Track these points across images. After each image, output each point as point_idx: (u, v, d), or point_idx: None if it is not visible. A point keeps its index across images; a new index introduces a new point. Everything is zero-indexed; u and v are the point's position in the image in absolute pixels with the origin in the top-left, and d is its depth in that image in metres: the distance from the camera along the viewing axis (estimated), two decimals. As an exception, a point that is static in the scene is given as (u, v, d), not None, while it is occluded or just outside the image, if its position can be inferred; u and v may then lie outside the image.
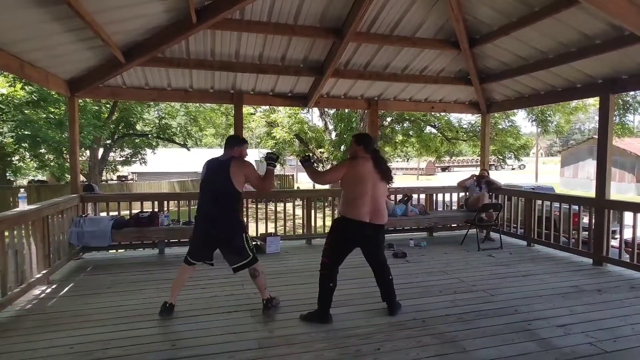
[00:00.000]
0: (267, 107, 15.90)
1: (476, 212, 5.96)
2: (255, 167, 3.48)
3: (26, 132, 11.44)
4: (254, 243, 5.42)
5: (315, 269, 4.83)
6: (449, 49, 5.40)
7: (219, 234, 3.33)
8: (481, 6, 4.61)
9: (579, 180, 25.74)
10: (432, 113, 13.30)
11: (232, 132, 19.87)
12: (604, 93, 4.80)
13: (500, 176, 8.65)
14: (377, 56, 5.49)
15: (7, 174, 16.58)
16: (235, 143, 3.45)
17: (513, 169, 39.01)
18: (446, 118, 14.93)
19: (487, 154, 7.06)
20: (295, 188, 24.82)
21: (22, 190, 4.47)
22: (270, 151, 3.63)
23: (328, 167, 15.99)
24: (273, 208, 6.28)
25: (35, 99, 11.56)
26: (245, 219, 5.99)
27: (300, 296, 3.84)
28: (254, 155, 24.92)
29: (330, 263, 3.32)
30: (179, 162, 28.56)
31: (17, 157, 14.98)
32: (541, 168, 35.67)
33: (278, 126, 15.90)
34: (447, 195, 7.24)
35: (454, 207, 7.32)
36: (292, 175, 30.11)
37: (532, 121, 15.00)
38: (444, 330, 3.10)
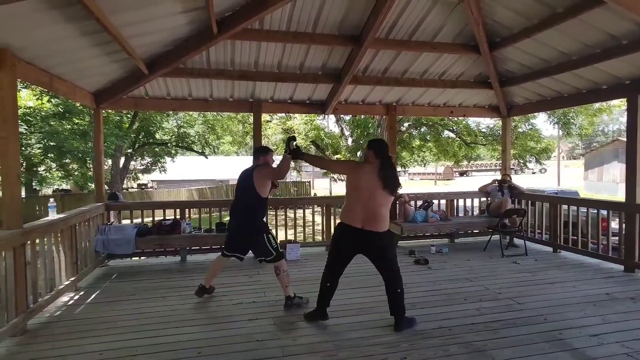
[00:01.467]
0: (283, 114, 16.06)
1: (499, 218, 5.84)
2: (273, 168, 3.78)
3: (52, 143, 11.81)
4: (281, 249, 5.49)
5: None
6: (469, 53, 5.35)
7: (242, 234, 3.80)
8: (501, 9, 4.55)
9: (604, 184, 24.95)
10: (450, 117, 13.16)
11: (249, 139, 19.94)
12: (631, 94, 4.66)
13: (521, 180, 8.44)
14: (396, 62, 5.48)
15: (33, 184, 17.13)
16: (260, 152, 3.90)
17: (533, 172, 38.18)
18: (464, 122, 14.73)
19: (508, 158, 6.93)
20: (312, 195, 24.85)
21: (51, 200, 4.59)
22: (290, 136, 3.74)
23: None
24: (292, 215, 6.29)
25: (61, 111, 11.95)
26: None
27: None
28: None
29: (330, 264, 3.40)
30: (197, 170, 29.04)
31: (43, 168, 15.47)
32: (563, 171, 34.77)
33: (294, 133, 16.00)
34: (468, 201, 7.12)
35: (475, 213, 7.19)
36: (309, 182, 30.18)
37: (554, 124, 14.64)
38: (471, 340, 3.04)
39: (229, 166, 31.03)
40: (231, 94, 5.82)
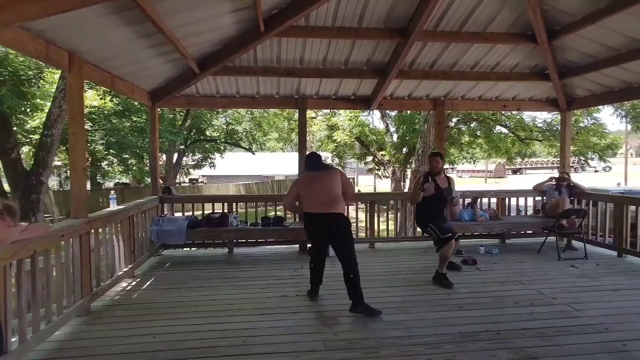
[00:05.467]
0: (328, 110, 16.09)
1: (555, 218, 5.47)
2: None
3: (113, 140, 12.73)
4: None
5: (378, 272, 4.81)
6: (524, 43, 5.04)
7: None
8: (562, -6, 4.24)
9: (680, 184, 22.54)
10: (503, 112, 12.49)
11: (294, 136, 20.28)
12: None
13: (582, 179, 7.83)
14: (444, 54, 5.28)
15: (97, 178, 18.56)
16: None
17: (596, 171, 35.34)
18: (519, 116, 13.91)
19: (567, 155, 6.46)
20: (357, 191, 24.72)
21: (112, 192, 4.97)
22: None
23: (390, 170, 15.79)
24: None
25: (121, 109, 12.82)
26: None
27: (365, 300, 3.78)
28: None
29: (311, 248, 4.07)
30: (244, 165, 29.90)
31: (105, 162, 16.69)
32: (631, 170, 31.85)
33: (339, 129, 15.98)
34: (521, 200, 6.75)
35: (529, 213, 6.80)
36: (353, 179, 30.06)
37: (621, 117, 13.38)
38: (521, 346, 2.88)
39: (274, 162, 31.69)
40: (277, 90, 5.92)
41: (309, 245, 5.68)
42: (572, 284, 4.27)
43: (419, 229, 9.63)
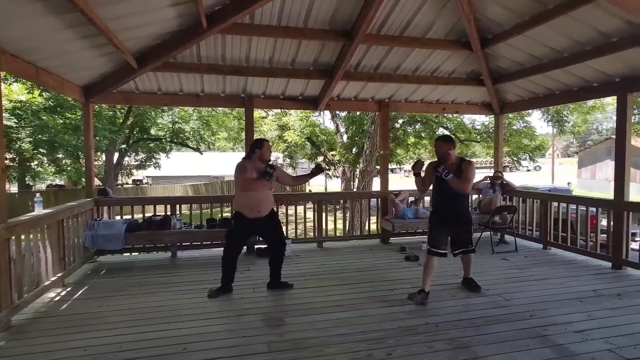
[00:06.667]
0: (279, 110, 15.99)
1: (490, 215, 5.86)
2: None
3: (43, 138, 11.69)
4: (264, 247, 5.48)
5: (326, 271, 4.85)
6: (461, 50, 5.33)
7: None
8: (493, 5, 4.54)
9: (597, 182, 25.13)
10: (445, 114, 13.16)
11: (244, 135, 19.94)
12: (621, 92, 4.68)
13: (515, 178, 8.48)
14: (388, 58, 5.45)
15: (27, 179, 16.97)
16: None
17: (528, 170, 38.34)
18: (458, 119, 14.73)
19: (500, 156, 6.94)
20: (307, 191, 24.82)
21: (37, 194, 4.57)
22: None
23: (340, 170, 16.02)
24: (284, 211, 6.27)
25: (52, 105, 11.82)
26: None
27: (311, 299, 3.82)
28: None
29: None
30: (193, 166, 28.94)
31: (35, 162, 15.29)
32: (557, 169, 34.95)
33: (290, 129, 15.95)
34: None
35: (467, 210, 7.20)
36: (304, 178, 30.05)
37: (548, 121, 14.65)
38: (456, 336, 3.05)
39: (224, 162, 30.93)
40: (223, 89, 5.78)
41: (256, 246, 5.64)
42: (503, 275, 4.59)
43: (366, 227, 9.80)
